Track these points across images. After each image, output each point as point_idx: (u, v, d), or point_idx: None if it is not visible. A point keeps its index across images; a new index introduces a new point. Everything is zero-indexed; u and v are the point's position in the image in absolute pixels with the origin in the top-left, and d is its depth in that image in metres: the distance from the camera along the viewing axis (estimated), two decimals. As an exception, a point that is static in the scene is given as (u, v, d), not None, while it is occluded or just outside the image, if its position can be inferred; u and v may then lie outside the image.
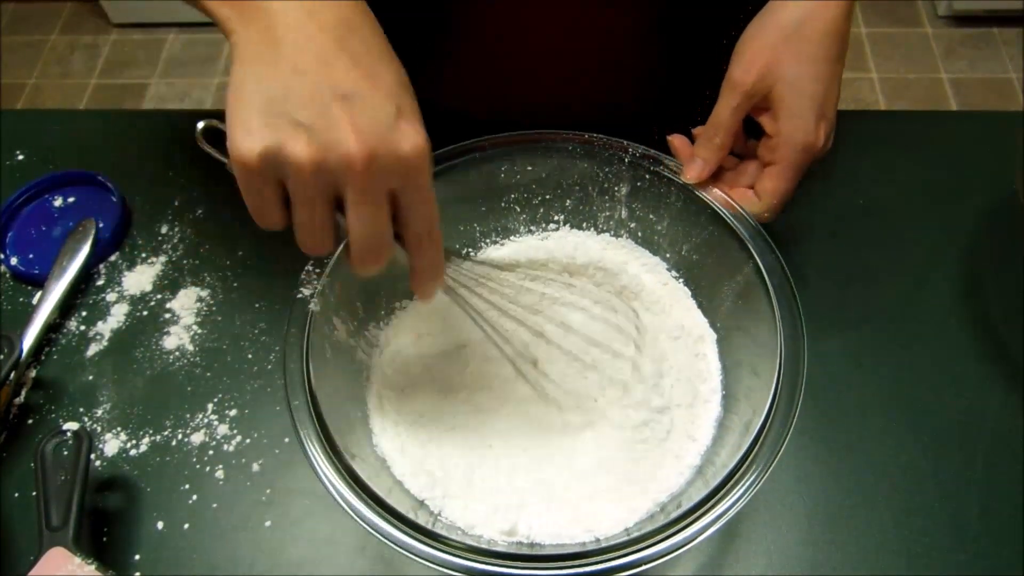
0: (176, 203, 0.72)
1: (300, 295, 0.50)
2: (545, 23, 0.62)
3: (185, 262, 0.68)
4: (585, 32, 0.62)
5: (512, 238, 0.63)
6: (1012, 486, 0.55)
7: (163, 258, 0.68)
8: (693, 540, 0.41)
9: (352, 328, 0.55)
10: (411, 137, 0.39)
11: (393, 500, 0.43)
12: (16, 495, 0.57)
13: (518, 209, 0.61)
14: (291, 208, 0.40)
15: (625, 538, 0.42)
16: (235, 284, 0.67)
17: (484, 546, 0.45)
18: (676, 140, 0.57)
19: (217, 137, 0.42)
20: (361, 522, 0.42)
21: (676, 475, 0.51)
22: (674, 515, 0.43)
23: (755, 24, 0.53)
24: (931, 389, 0.59)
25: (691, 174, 0.54)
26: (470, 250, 0.62)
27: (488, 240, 0.63)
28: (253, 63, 0.39)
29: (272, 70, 0.39)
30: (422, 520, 0.43)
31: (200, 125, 0.43)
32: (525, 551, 0.47)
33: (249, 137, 0.38)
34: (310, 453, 0.44)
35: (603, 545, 0.42)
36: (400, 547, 0.42)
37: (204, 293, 0.66)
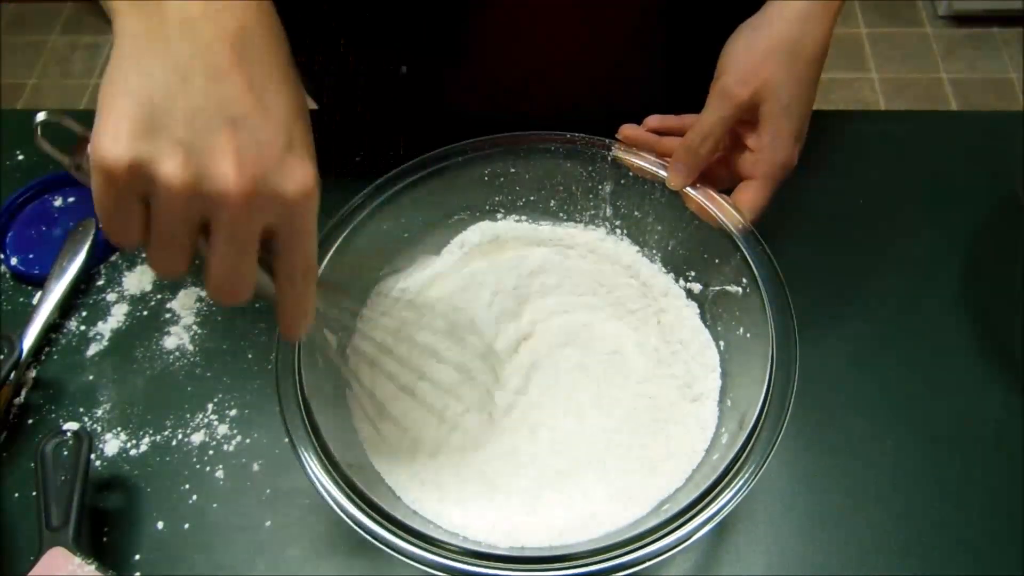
0: (176, 203, 0.72)
1: None
2: (552, 25, 0.62)
3: (185, 262, 0.68)
4: (591, 31, 0.62)
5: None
6: (1012, 486, 0.55)
7: (163, 258, 0.68)
8: (685, 541, 0.41)
9: (341, 338, 0.54)
10: (298, 175, 0.36)
11: (388, 505, 0.43)
12: (16, 495, 0.57)
13: (502, 211, 0.61)
14: (150, 224, 0.36)
15: (617, 539, 0.42)
16: (235, 284, 0.66)
17: (479, 549, 0.45)
18: (629, 130, 0.56)
19: (61, 134, 0.37)
20: (360, 530, 0.42)
21: (669, 476, 0.51)
22: (666, 516, 0.43)
23: (747, 34, 0.52)
24: (931, 389, 0.59)
25: (676, 182, 0.54)
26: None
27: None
28: (136, 57, 0.35)
29: (156, 71, 0.34)
30: (417, 525, 0.43)
31: (39, 118, 0.37)
32: (520, 553, 0.47)
33: (116, 144, 0.33)
34: (305, 463, 0.44)
35: (596, 547, 0.42)
36: (397, 552, 0.42)
37: (204, 293, 0.66)
